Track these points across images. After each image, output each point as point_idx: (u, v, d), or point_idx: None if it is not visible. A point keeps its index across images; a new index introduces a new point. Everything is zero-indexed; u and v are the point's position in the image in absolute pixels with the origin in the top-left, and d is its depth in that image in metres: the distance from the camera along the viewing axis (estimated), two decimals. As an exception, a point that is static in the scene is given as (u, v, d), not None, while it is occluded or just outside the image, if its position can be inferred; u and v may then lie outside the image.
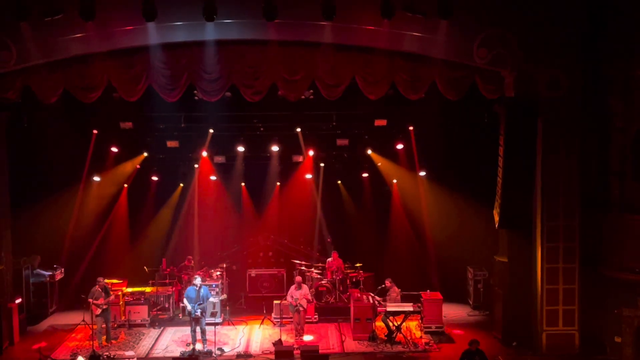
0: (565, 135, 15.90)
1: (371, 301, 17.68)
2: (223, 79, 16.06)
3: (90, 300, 16.82)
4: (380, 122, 19.64)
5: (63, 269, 20.33)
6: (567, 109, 15.79)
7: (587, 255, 16.04)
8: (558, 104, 15.74)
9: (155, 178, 21.70)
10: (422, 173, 21.30)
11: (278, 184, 22.22)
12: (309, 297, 17.87)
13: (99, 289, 17.00)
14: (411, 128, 20.37)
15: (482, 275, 19.81)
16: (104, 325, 16.98)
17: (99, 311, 16.83)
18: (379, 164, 21.56)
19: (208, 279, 19.58)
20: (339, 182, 22.22)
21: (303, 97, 17.73)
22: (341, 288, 20.09)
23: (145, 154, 21.01)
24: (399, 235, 21.81)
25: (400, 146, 20.72)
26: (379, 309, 17.32)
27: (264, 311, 19.14)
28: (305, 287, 17.97)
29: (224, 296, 19.15)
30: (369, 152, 21.26)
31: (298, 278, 18.05)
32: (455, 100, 16.27)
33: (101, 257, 21.14)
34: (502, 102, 16.27)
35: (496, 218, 17.01)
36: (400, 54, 15.79)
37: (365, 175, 21.97)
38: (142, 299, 19.00)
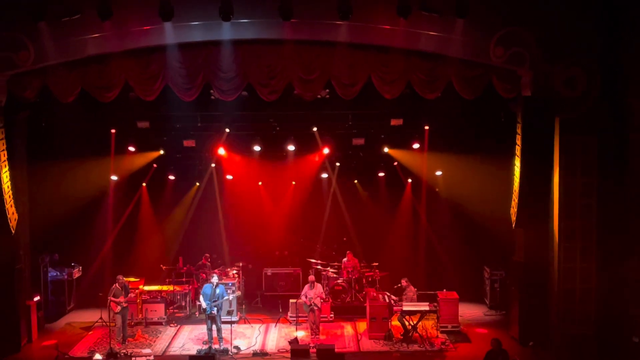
0: (582, 134, 15.76)
1: (387, 300, 17.67)
2: (239, 78, 16.09)
3: (110, 298, 16.94)
4: (396, 122, 19.62)
5: (80, 267, 20.50)
6: (585, 108, 15.65)
7: (605, 256, 15.92)
8: (576, 102, 15.59)
9: (171, 177, 21.81)
10: (439, 172, 21.26)
11: (294, 183, 22.24)
12: (323, 296, 17.88)
13: (119, 287, 17.12)
14: (427, 127, 20.31)
15: (498, 275, 19.75)
16: (121, 323, 17.07)
17: (118, 309, 16.94)
18: (395, 163, 21.53)
19: (224, 277, 19.65)
20: (356, 181, 22.20)
21: (319, 96, 17.73)
22: (357, 287, 20.10)
23: (162, 152, 21.08)
24: (416, 234, 21.78)
25: (416, 145, 20.67)
26: (395, 308, 17.31)
27: (280, 310, 19.20)
28: (319, 286, 17.98)
29: (239, 293, 19.14)
30: (386, 149, 21.22)
31: (311, 277, 18.05)
32: (471, 100, 16.22)
33: (118, 255, 21.26)
34: (519, 101, 16.20)
35: (513, 218, 16.94)
36: (417, 53, 15.73)
37: (381, 174, 21.96)
38: (159, 297, 19.12)
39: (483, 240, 20.46)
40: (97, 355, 16.20)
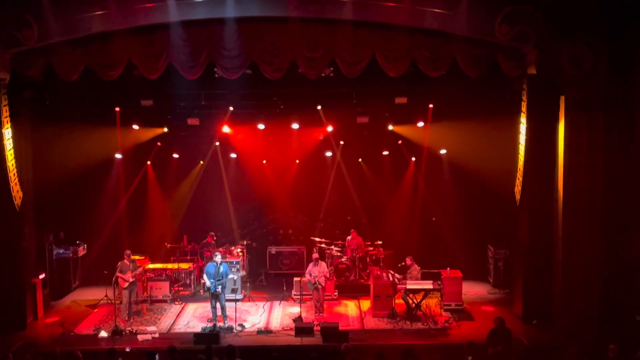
0: (588, 112, 15.67)
1: (391, 279, 17.70)
2: (243, 56, 16.04)
3: (118, 273, 17.00)
4: (400, 100, 19.56)
5: (85, 245, 20.59)
6: (591, 86, 15.54)
7: (609, 235, 15.92)
8: (582, 80, 15.49)
9: (175, 155, 21.81)
10: (443, 151, 21.23)
11: (297, 161, 22.22)
12: (327, 274, 17.94)
13: (127, 263, 17.18)
14: (431, 106, 20.23)
15: (502, 254, 19.78)
16: (128, 300, 17.15)
17: (126, 284, 17.01)
18: (399, 142, 21.48)
19: (229, 255, 19.70)
20: (360, 159, 22.17)
21: (323, 74, 17.67)
22: (361, 265, 20.15)
23: (166, 129, 21.03)
24: (420, 213, 21.77)
25: (420, 124, 20.62)
26: (398, 286, 17.35)
27: (284, 288, 19.26)
28: (323, 264, 18.02)
29: (243, 272, 19.19)
30: (390, 127, 21.16)
31: (315, 255, 18.09)
32: (476, 78, 16.14)
33: (122, 234, 21.31)
34: (524, 79, 16.11)
35: (517, 196, 16.93)
36: (421, 30, 15.65)
37: (385, 153, 21.91)
38: (164, 275, 19.20)
39: (487, 218, 20.44)
40: (103, 333, 16.30)
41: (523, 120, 16.35)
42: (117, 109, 19.88)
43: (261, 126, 20.84)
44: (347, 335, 15.55)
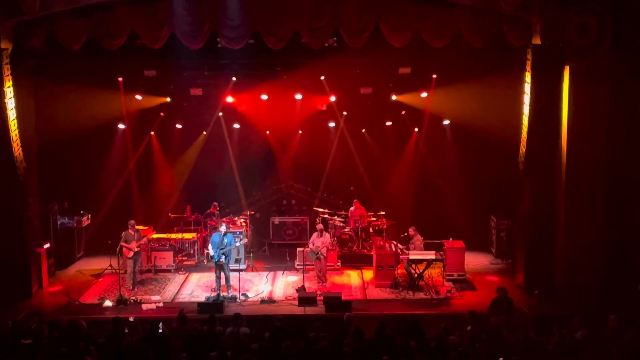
0: (593, 83, 15.60)
1: (394, 249, 17.77)
2: (246, 25, 15.94)
3: (122, 243, 17.09)
4: (404, 70, 19.47)
5: (89, 215, 20.66)
6: (597, 56, 15.45)
7: (612, 205, 15.93)
8: (587, 51, 15.40)
9: (179, 126, 21.77)
10: (446, 121, 21.17)
11: (300, 132, 22.18)
12: (329, 245, 17.99)
13: (131, 233, 17.26)
14: (434, 76, 20.13)
15: (505, 224, 19.79)
16: (132, 269, 17.25)
17: (131, 254, 17.10)
18: (403, 112, 21.41)
19: (232, 226, 19.76)
20: (363, 130, 22.11)
21: (327, 44, 17.57)
22: (364, 236, 20.20)
23: (169, 99, 20.99)
24: (423, 183, 21.75)
25: (424, 94, 20.54)
26: (401, 256, 17.42)
27: (287, 258, 19.34)
28: (326, 234, 18.07)
29: (245, 240, 19.17)
30: (394, 97, 21.08)
31: (320, 225, 18.15)
32: (480, 48, 16.05)
33: (126, 203, 21.37)
34: (529, 49, 15.99)
35: (520, 166, 16.92)
36: (426, -1, 15.57)
37: (388, 123, 21.84)
38: (168, 245, 19.28)
39: (490, 189, 20.45)
40: (107, 302, 16.42)
41: (527, 90, 16.26)
42: (120, 79, 19.82)
43: (264, 96, 20.77)
44: (349, 305, 15.67)
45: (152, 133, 21.73)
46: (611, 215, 15.93)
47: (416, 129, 21.71)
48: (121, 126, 20.97)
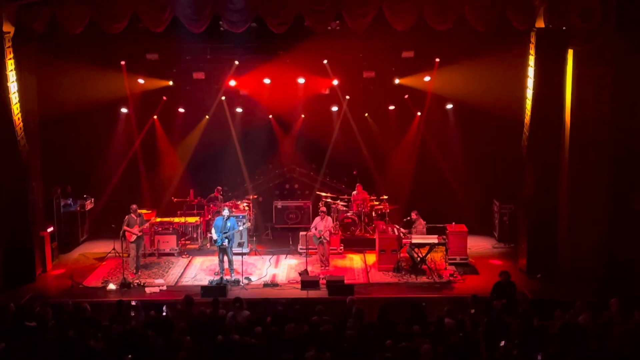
0: (597, 67, 15.55)
1: (396, 233, 17.80)
2: (248, 9, 15.87)
3: (125, 227, 17.13)
4: (407, 54, 19.41)
5: (93, 199, 20.70)
6: (600, 40, 15.36)
7: (616, 190, 15.91)
8: (591, 34, 15.30)
9: (181, 110, 21.73)
10: (449, 105, 21.11)
11: (303, 116, 22.14)
12: (332, 228, 18.02)
13: (134, 217, 17.30)
14: (437, 60, 20.05)
15: (508, 208, 19.78)
16: (135, 253, 17.29)
17: (133, 238, 17.15)
18: (406, 96, 21.36)
19: (235, 210, 19.78)
20: (366, 114, 22.07)
21: (329, 28, 17.49)
22: (366, 220, 20.22)
23: (171, 83, 20.94)
24: (426, 167, 21.73)
25: (427, 78, 20.47)
26: (404, 240, 17.44)
27: (290, 242, 19.37)
28: (329, 219, 18.09)
29: (249, 224, 19.19)
30: (397, 81, 21.00)
31: (322, 209, 18.18)
32: (484, 31, 15.98)
33: (129, 187, 21.36)
34: (533, 33, 15.92)
35: (524, 151, 16.89)
36: (429, -18, 15.48)
37: (391, 107, 21.79)
38: (171, 228, 19.32)
39: (493, 173, 20.44)
40: (111, 285, 16.49)
41: (530, 74, 16.21)
42: (123, 62, 19.78)
43: (267, 80, 20.71)
44: (352, 288, 15.71)
45: (155, 117, 21.68)
46: (614, 199, 15.91)
47: (419, 113, 21.66)
48: (124, 110, 20.94)
